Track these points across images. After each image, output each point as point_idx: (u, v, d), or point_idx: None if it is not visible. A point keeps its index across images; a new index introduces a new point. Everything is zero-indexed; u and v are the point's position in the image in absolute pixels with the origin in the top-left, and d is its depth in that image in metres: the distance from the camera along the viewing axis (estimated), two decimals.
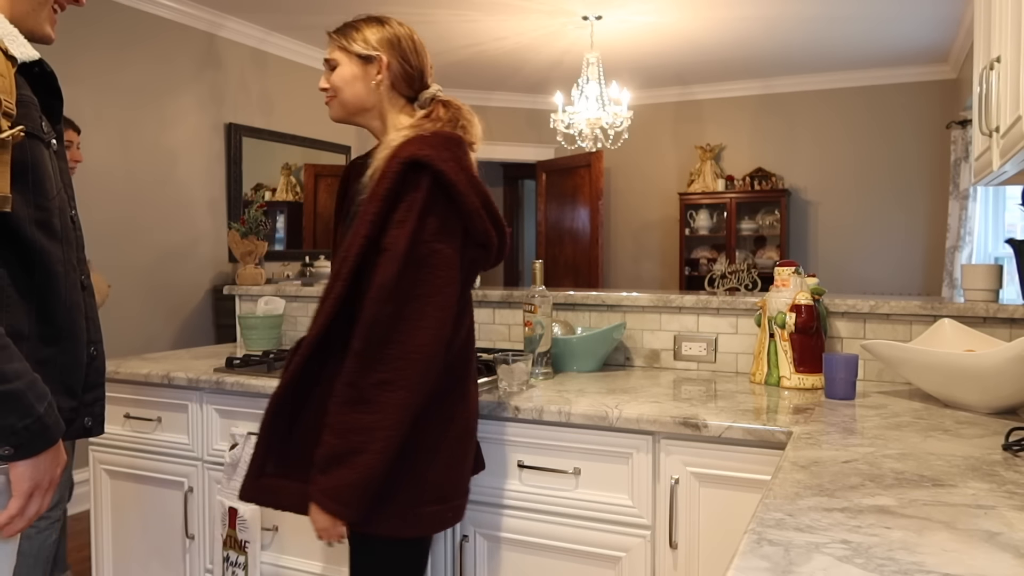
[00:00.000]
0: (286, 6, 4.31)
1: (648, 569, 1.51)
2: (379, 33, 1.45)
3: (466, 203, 1.30)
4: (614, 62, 5.43)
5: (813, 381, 1.76)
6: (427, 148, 1.30)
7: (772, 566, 0.73)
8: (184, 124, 4.32)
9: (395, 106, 1.47)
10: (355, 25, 1.47)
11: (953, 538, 0.81)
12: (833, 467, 1.09)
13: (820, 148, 5.96)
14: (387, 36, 1.45)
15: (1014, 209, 4.98)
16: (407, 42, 1.46)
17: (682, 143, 6.40)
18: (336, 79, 1.46)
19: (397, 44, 1.45)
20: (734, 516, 1.44)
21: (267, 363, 2.06)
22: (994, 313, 1.76)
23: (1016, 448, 1.17)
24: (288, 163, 5.02)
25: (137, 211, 4.02)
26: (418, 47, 1.48)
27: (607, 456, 1.54)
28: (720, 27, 4.70)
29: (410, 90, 1.48)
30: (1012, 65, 1.49)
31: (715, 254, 6.16)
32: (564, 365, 2.06)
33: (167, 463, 2.06)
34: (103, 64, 3.84)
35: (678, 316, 2.11)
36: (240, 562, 1.90)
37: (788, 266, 1.84)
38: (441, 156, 1.29)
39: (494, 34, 4.85)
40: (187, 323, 4.35)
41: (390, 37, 1.45)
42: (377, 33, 1.45)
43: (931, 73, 5.58)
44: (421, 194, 1.28)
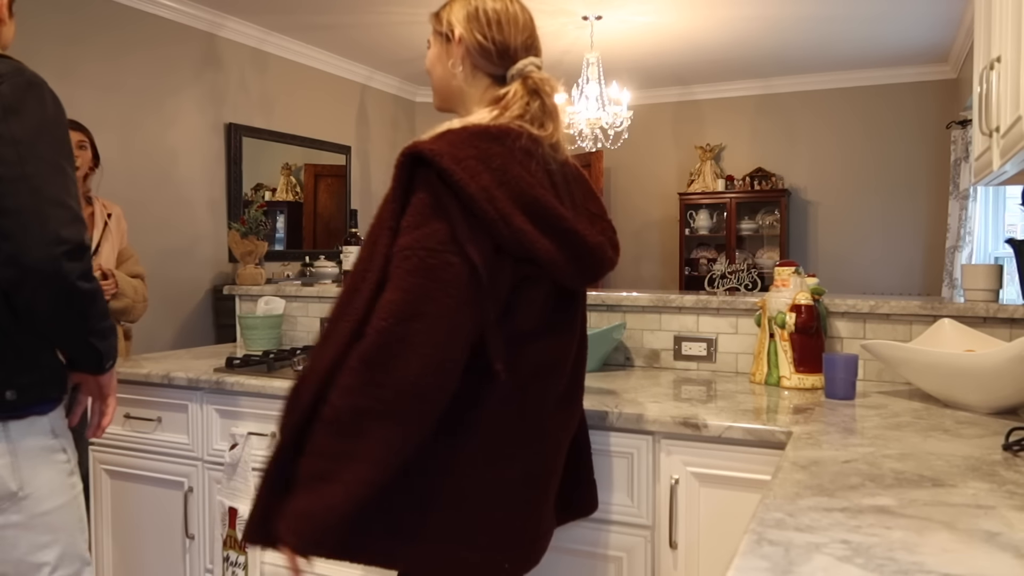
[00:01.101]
0: (286, 6, 4.31)
1: (648, 569, 1.51)
2: (462, 7, 1.29)
3: (479, 208, 1.08)
4: (614, 62, 5.43)
5: (813, 381, 1.76)
6: (441, 142, 1.12)
7: (772, 566, 0.73)
8: (184, 124, 4.32)
9: (478, 88, 1.29)
10: (447, 2, 1.33)
11: (953, 538, 0.80)
12: (833, 467, 1.09)
13: (820, 148, 5.96)
14: (467, 9, 1.28)
15: (1014, 209, 4.98)
16: (488, 13, 1.27)
17: (682, 143, 6.40)
18: (427, 63, 1.34)
19: (475, 16, 1.27)
20: (734, 516, 1.44)
21: (267, 363, 2.06)
22: (994, 313, 1.76)
23: (1016, 448, 1.17)
24: (288, 163, 5.02)
25: (137, 211, 4.02)
26: (503, 17, 1.27)
27: (607, 456, 1.54)
28: (720, 27, 4.69)
29: (493, 67, 1.28)
30: (1012, 65, 1.49)
31: (715, 254, 6.16)
32: None
33: (167, 463, 2.06)
34: (103, 64, 3.84)
35: (678, 316, 2.11)
36: (240, 562, 1.90)
37: (788, 266, 1.84)
38: (454, 152, 1.09)
39: None
40: (187, 323, 4.35)
41: (469, 9, 1.28)
42: (460, 7, 1.29)
43: (931, 73, 5.58)
44: (427, 195, 1.09)
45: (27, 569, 1.37)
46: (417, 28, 4.72)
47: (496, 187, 1.10)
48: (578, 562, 1.57)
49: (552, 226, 1.15)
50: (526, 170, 1.15)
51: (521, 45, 1.29)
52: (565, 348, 1.28)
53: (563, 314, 1.27)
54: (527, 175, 1.14)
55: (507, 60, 1.28)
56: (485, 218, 1.09)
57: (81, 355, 1.42)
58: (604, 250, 1.24)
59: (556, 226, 1.15)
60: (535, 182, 1.15)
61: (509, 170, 1.12)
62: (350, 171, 5.54)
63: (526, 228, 1.11)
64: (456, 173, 1.07)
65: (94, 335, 1.39)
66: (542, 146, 1.20)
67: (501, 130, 1.16)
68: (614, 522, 1.53)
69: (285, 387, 1.83)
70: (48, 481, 1.38)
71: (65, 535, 1.41)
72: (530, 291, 1.18)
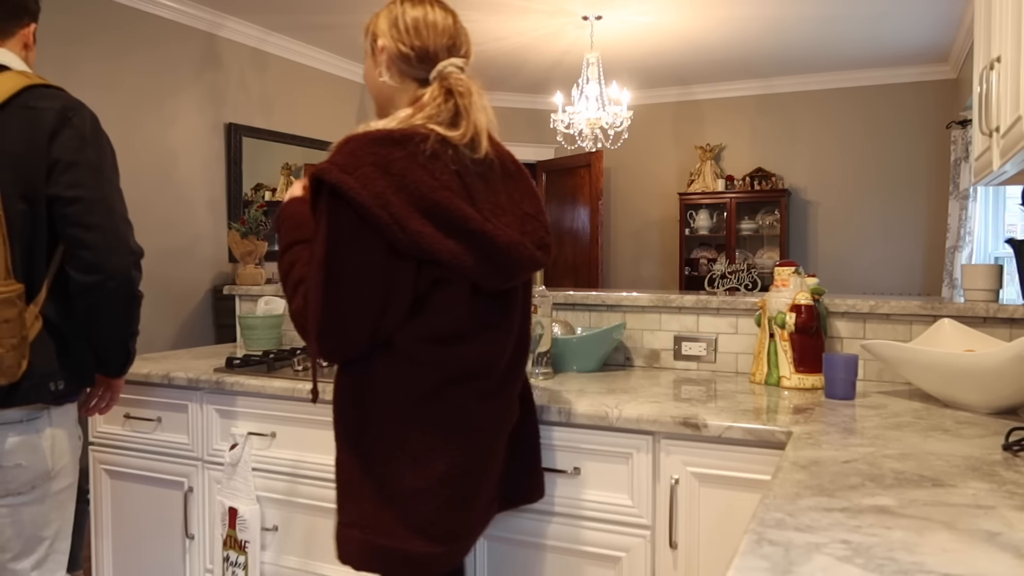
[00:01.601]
0: (286, 6, 4.31)
1: (648, 569, 1.51)
2: (384, 18, 1.34)
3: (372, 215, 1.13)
4: (614, 62, 5.43)
5: (813, 381, 1.76)
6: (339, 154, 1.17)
7: (772, 566, 0.73)
8: (184, 124, 4.32)
9: (407, 93, 1.33)
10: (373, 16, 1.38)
11: (953, 538, 0.80)
12: (833, 467, 1.09)
13: (820, 148, 5.96)
14: (389, 19, 1.33)
15: (1014, 209, 4.98)
16: (407, 20, 1.31)
17: (682, 143, 6.40)
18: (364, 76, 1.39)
19: (395, 24, 1.31)
20: (734, 516, 1.44)
21: (267, 363, 2.06)
22: (994, 313, 1.76)
23: (1016, 448, 1.17)
24: (288, 163, 5.02)
25: (137, 211, 4.01)
26: (422, 23, 1.31)
27: (607, 456, 1.54)
28: (720, 27, 4.70)
29: (416, 71, 1.32)
30: (1012, 65, 1.49)
31: (715, 254, 6.16)
32: (564, 365, 2.06)
33: (167, 463, 2.06)
34: (103, 64, 3.84)
35: (678, 316, 2.11)
36: (240, 562, 1.90)
37: (788, 266, 1.84)
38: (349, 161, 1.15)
39: (494, 34, 4.84)
40: (187, 323, 4.35)
41: (391, 19, 1.32)
42: (383, 18, 1.34)
43: (931, 73, 5.58)
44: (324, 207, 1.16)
45: (34, 543, 1.54)
46: None
47: (393, 192, 1.14)
48: (578, 562, 1.57)
49: (456, 228, 1.18)
50: (430, 173, 1.18)
51: (442, 48, 1.32)
52: (498, 348, 1.30)
53: (496, 315, 1.30)
54: (429, 178, 1.18)
55: (428, 63, 1.31)
56: (378, 224, 1.13)
57: (114, 355, 1.62)
58: (519, 249, 1.25)
59: (461, 227, 1.19)
60: (439, 185, 1.18)
61: (408, 174, 1.16)
62: None
63: (425, 231, 1.16)
64: (345, 184, 1.13)
65: (131, 338, 1.64)
66: (453, 147, 1.23)
67: (404, 134, 1.19)
68: (614, 522, 1.53)
69: (285, 387, 1.84)
70: (67, 463, 1.58)
71: (66, 514, 1.60)
72: (444, 293, 1.22)
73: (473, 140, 1.25)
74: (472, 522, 1.30)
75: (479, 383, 1.28)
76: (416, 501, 1.22)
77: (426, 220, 1.16)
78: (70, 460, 1.59)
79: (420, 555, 1.22)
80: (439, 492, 1.23)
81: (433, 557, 1.23)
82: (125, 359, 1.65)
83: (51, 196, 1.46)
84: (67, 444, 1.58)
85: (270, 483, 1.89)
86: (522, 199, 1.35)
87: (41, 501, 1.53)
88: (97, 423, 2.17)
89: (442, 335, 1.23)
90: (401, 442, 1.23)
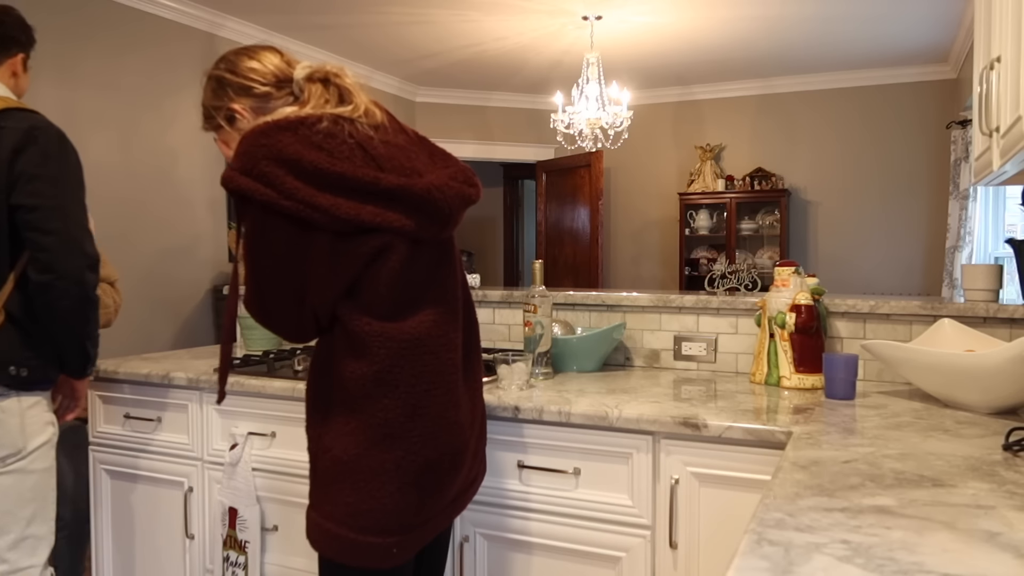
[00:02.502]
0: (286, 6, 4.31)
1: (648, 569, 1.51)
2: (209, 92, 1.37)
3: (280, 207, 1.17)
4: (614, 62, 5.43)
5: (813, 381, 1.76)
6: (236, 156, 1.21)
7: (772, 566, 0.73)
8: (184, 124, 4.32)
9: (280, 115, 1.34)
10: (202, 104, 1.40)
11: (953, 538, 0.81)
12: (833, 467, 1.09)
13: (820, 148, 5.96)
14: (215, 89, 1.36)
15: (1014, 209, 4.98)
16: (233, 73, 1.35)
17: (682, 143, 6.40)
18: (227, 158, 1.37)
19: (228, 83, 1.35)
20: (734, 516, 1.44)
21: (267, 363, 2.06)
22: (994, 313, 1.76)
23: (1016, 448, 1.17)
24: None
25: (137, 211, 4.02)
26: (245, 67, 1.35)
27: (607, 456, 1.54)
28: (720, 27, 4.70)
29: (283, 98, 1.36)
30: (1012, 65, 1.49)
31: (715, 254, 6.16)
32: (564, 365, 2.06)
33: (167, 463, 2.06)
34: (103, 64, 3.84)
35: (678, 316, 2.11)
36: (240, 562, 1.90)
37: (788, 266, 1.84)
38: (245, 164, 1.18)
39: (494, 34, 4.84)
40: (187, 323, 4.35)
41: (217, 88, 1.36)
42: (209, 95, 1.37)
43: (931, 73, 5.58)
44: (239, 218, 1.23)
45: (10, 521, 1.71)
46: (417, 28, 4.73)
47: (292, 178, 1.18)
48: (578, 562, 1.57)
49: (368, 191, 1.21)
50: (326, 152, 1.21)
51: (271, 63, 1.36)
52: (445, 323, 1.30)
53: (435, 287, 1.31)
54: (326, 156, 1.20)
55: (288, 84, 1.36)
56: (290, 212, 1.17)
57: (73, 356, 1.78)
58: (444, 189, 1.27)
59: (373, 190, 1.21)
60: (339, 159, 1.21)
61: (304, 155, 1.18)
62: None
63: (337, 202, 1.18)
64: (247, 188, 1.17)
65: (89, 340, 1.78)
66: (350, 122, 1.26)
67: (294, 120, 1.22)
68: (614, 522, 1.53)
69: (285, 387, 1.84)
70: (40, 447, 1.76)
71: (41, 498, 1.77)
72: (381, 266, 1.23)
73: (367, 111, 1.29)
74: (429, 514, 1.28)
75: (438, 362, 1.27)
76: (371, 487, 1.21)
77: (334, 194, 1.19)
78: (46, 446, 1.77)
79: (370, 544, 1.21)
80: (394, 478, 1.22)
81: (383, 547, 1.22)
82: (84, 360, 1.79)
83: (14, 205, 1.65)
84: (39, 428, 1.75)
85: (270, 483, 1.89)
86: (437, 156, 1.38)
87: (15, 477, 1.71)
88: (97, 423, 2.17)
89: (384, 309, 1.24)
90: (360, 426, 1.23)
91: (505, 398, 1.64)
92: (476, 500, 1.64)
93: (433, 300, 1.30)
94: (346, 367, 1.24)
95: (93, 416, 2.19)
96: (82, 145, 3.72)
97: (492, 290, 2.33)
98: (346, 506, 1.22)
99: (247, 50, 1.39)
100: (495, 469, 1.63)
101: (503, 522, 1.63)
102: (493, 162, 6.99)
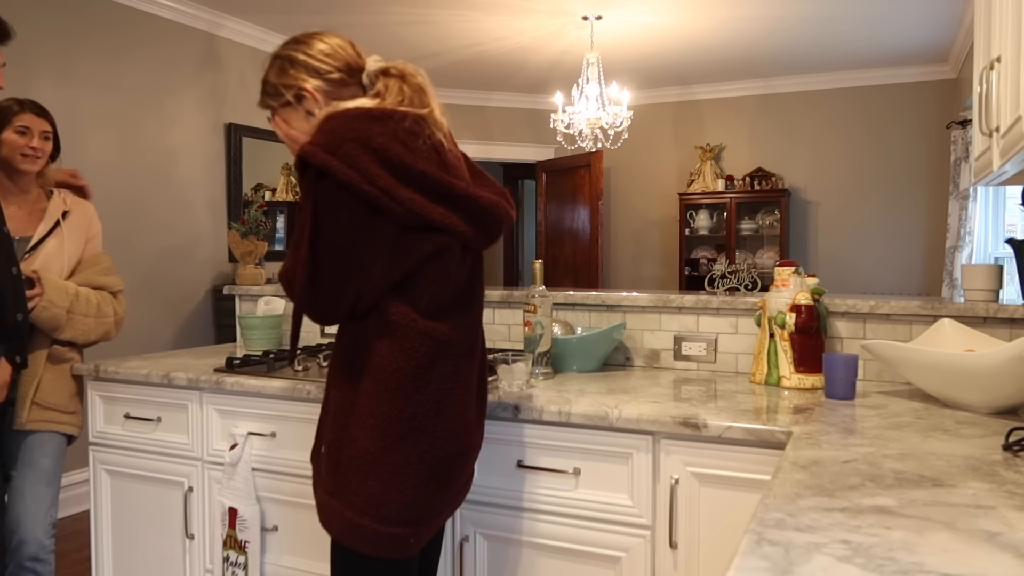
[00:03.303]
0: (286, 6, 4.31)
1: (648, 569, 1.51)
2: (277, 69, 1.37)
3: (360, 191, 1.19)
4: (614, 62, 5.43)
5: (813, 381, 1.76)
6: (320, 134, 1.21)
7: (772, 566, 0.73)
8: (184, 124, 4.32)
9: None
10: (263, 81, 1.40)
11: (953, 538, 0.80)
12: (833, 467, 1.09)
13: (820, 148, 5.96)
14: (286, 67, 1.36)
15: (1014, 209, 4.98)
16: (308, 54, 1.35)
17: (682, 143, 6.40)
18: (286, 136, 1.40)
19: (301, 64, 1.35)
20: (734, 516, 1.44)
21: (267, 363, 2.05)
22: (994, 313, 1.76)
23: (1016, 448, 1.17)
24: (288, 163, 5.02)
25: (137, 211, 4.02)
26: (324, 49, 1.36)
27: (607, 456, 1.54)
28: (720, 27, 4.70)
29: (350, 88, 1.36)
30: (1012, 65, 1.49)
31: (715, 254, 6.16)
32: (564, 365, 2.06)
33: (167, 463, 2.06)
34: (103, 64, 3.84)
35: (678, 316, 2.11)
36: (240, 562, 1.90)
37: (788, 266, 1.84)
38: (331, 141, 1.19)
39: (494, 34, 4.85)
40: (187, 323, 4.35)
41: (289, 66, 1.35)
42: (276, 72, 1.37)
43: (931, 73, 5.58)
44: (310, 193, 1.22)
45: None
46: (417, 28, 4.73)
47: (377, 166, 1.20)
48: (578, 562, 1.57)
49: (443, 194, 1.26)
50: (409, 149, 1.24)
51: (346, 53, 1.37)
52: (473, 329, 1.38)
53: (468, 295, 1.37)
54: (409, 153, 1.24)
55: (358, 73, 1.37)
56: (367, 197, 1.20)
57: None
58: (499, 207, 1.34)
59: (447, 194, 1.26)
60: (420, 158, 1.25)
61: (390, 148, 1.21)
62: None
63: (415, 197, 1.23)
64: (330, 166, 1.18)
65: None
66: (427, 124, 1.29)
67: (384, 112, 1.25)
68: (614, 522, 1.53)
69: (285, 387, 1.84)
70: None
71: None
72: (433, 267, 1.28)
73: (437, 119, 1.32)
74: (441, 506, 1.33)
75: (462, 364, 1.32)
76: (395, 478, 1.24)
77: (412, 190, 1.23)
78: None
79: (391, 535, 1.24)
80: (418, 471, 1.26)
81: (401, 538, 1.25)
82: None
83: None
84: None
85: (270, 483, 1.89)
86: (477, 174, 1.44)
87: None
88: (97, 423, 2.17)
89: (430, 309, 1.29)
90: (389, 418, 1.25)
91: (505, 398, 1.64)
92: (476, 500, 1.64)
93: (466, 305, 1.36)
94: (383, 359, 1.26)
95: (93, 416, 2.19)
96: (82, 145, 3.72)
97: (492, 290, 2.33)
98: (370, 496, 1.24)
99: (318, 34, 1.38)
100: (495, 469, 1.63)
101: (503, 522, 1.63)
102: (493, 162, 6.99)
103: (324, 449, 1.33)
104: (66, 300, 2.08)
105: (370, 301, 1.26)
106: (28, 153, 2.08)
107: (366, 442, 1.25)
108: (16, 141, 2.06)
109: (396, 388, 1.25)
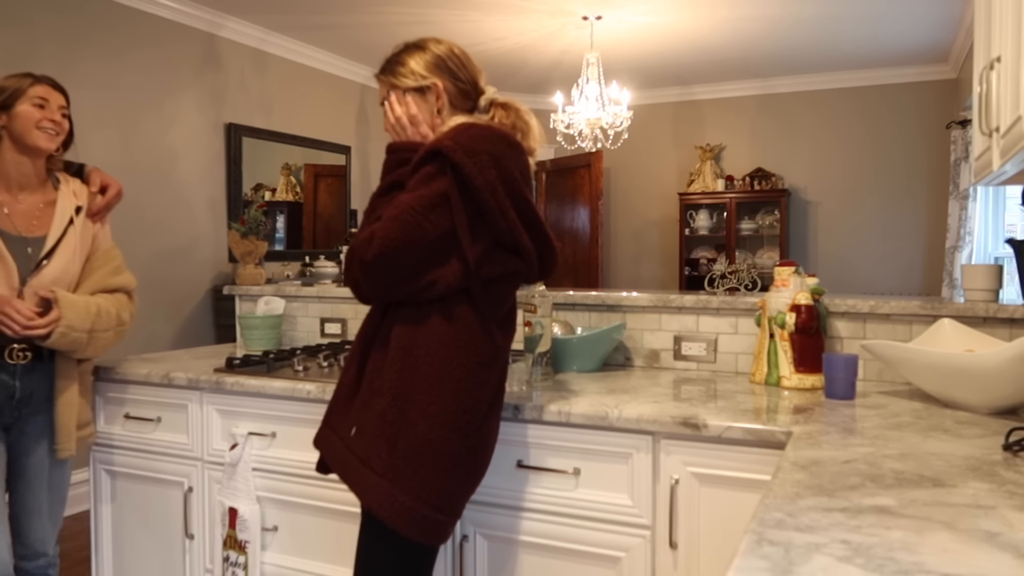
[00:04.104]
0: (286, 6, 4.31)
1: (648, 569, 1.51)
2: (423, 59, 1.46)
3: (482, 199, 1.29)
4: (614, 62, 5.43)
5: (813, 381, 1.75)
6: (459, 136, 1.31)
7: (772, 566, 0.73)
8: (184, 124, 4.32)
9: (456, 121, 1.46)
10: (398, 59, 1.48)
11: (953, 538, 0.81)
12: (833, 467, 1.09)
13: (820, 148, 5.96)
14: (431, 60, 1.46)
15: (1014, 209, 4.98)
16: (452, 59, 1.47)
17: (682, 143, 6.40)
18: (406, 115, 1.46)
19: (444, 65, 1.46)
20: (734, 516, 1.44)
21: (267, 363, 2.05)
22: (994, 313, 1.76)
23: (1016, 448, 1.17)
24: (288, 163, 5.02)
25: (137, 211, 4.02)
26: (463, 59, 1.49)
27: (607, 456, 1.54)
28: (720, 27, 4.70)
29: (468, 103, 1.49)
30: (1012, 65, 1.49)
31: (715, 254, 6.16)
32: (564, 365, 2.06)
33: (167, 463, 2.06)
34: (103, 64, 3.84)
35: (678, 316, 2.11)
36: (240, 562, 1.90)
37: (788, 266, 1.84)
38: (471, 145, 1.29)
39: (494, 34, 4.84)
40: (187, 323, 4.35)
41: (434, 60, 1.46)
42: (421, 60, 1.46)
43: (931, 73, 5.58)
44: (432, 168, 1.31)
45: None
46: (417, 28, 4.72)
47: (500, 183, 1.31)
48: (578, 562, 1.57)
49: (532, 226, 1.39)
50: (524, 180, 1.38)
51: (478, 75, 1.51)
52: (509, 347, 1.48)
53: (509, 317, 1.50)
54: (524, 183, 1.38)
55: (477, 92, 1.50)
56: (485, 207, 1.31)
57: None
58: (557, 252, 1.48)
59: (538, 229, 1.40)
60: (527, 188, 1.38)
61: (513, 172, 1.34)
62: (350, 171, 5.54)
63: (519, 223, 1.36)
64: (466, 166, 1.28)
65: None
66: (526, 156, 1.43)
67: (516, 142, 1.40)
68: (614, 522, 1.53)
69: (285, 387, 1.84)
70: None
71: None
72: (506, 285, 1.41)
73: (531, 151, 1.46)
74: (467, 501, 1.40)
75: (505, 373, 1.44)
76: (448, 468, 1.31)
77: (517, 213, 1.35)
78: None
79: (438, 522, 1.31)
80: (466, 463, 1.34)
81: (445, 525, 1.32)
82: None
83: None
84: None
85: (270, 483, 1.89)
86: None
87: None
88: (97, 423, 2.17)
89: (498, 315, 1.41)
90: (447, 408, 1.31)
91: (505, 398, 1.64)
92: (476, 500, 1.64)
93: (511, 323, 1.49)
94: (448, 351, 1.33)
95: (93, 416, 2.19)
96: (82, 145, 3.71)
97: None
98: (426, 483, 1.29)
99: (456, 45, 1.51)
100: (495, 469, 1.63)
101: (503, 522, 1.63)
102: None
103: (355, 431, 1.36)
104: (87, 321, 1.83)
105: (434, 295, 1.33)
106: (46, 127, 1.83)
107: (425, 429, 1.30)
108: (32, 114, 1.81)
109: (459, 380, 1.32)
